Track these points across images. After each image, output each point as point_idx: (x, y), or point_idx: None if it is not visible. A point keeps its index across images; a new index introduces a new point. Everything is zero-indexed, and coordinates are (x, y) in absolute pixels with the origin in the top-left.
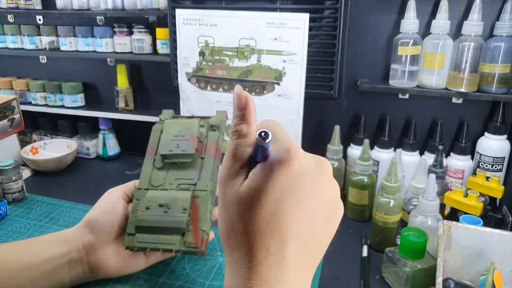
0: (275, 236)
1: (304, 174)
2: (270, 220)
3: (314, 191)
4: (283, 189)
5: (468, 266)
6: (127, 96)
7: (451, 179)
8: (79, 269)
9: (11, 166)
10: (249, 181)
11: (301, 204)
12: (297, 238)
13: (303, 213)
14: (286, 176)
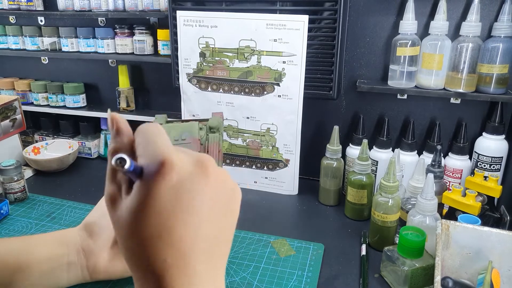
0: (170, 248)
1: (185, 182)
2: (160, 235)
3: (200, 194)
4: (165, 203)
5: (466, 265)
6: (128, 97)
7: (450, 178)
8: (78, 271)
9: (13, 166)
10: (129, 203)
11: (190, 211)
12: (198, 243)
13: (195, 218)
14: (165, 190)
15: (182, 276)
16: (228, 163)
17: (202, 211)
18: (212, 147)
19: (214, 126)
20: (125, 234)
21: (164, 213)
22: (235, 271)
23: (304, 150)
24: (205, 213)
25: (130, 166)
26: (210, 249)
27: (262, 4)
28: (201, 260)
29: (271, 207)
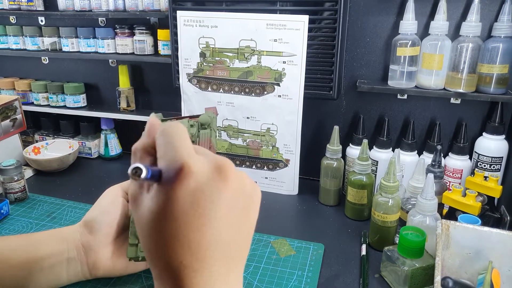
0: (186, 251)
1: (203, 188)
2: (178, 238)
3: (219, 199)
4: (184, 208)
5: (467, 265)
6: (128, 97)
7: (450, 178)
8: (78, 268)
9: (13, 166)
10: (149, 204)
11: (207, 216)
12: (214, 247)
13: (213, 222)
14: (183, 195)
15: (198, 277)
16: None
17: (219, 216)
18: (203, 144)
19: (205, 122)
20: (145, 233)
21: (181, 218)
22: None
23: (304, 150)
24: (223, 218)
25: (146, 175)
26: (227, 252)
27: (262, 4)
28: (217, 264)
29: (271, 207)
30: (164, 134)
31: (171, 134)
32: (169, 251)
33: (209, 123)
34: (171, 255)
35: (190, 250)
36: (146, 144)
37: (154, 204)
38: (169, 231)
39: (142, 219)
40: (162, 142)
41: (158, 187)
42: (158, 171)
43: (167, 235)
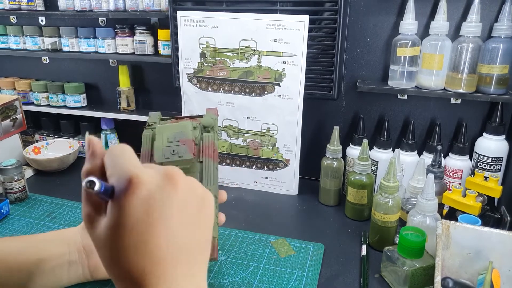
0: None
1: (154, 194)
2: (136, 247)
3: (170, 204)
4: (137, 217)
5: (467, 265)
6: (129, 97)
7: (450, 179)
8: (79, 270)
9: (14, 165)
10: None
11: (161, 221)
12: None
13: (168, 226)
14: (136, 204)
15: (161, 283)
16: (228, 163)
17: (173, 219)
18: (207, 147)
19: (209, 125)
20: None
21: (137, 226)
22: (235, 271)
23: (304, 150)
24: (177, 221)
25: (100, 187)
26: (186, 255)
27: (263, 4)
28: (178, 267)
29: (271, 207)
30: (111, 155)
31: (117, 153)
32: (130, 261)
33: (212, 125)
34: (132, 265)
35: (150, 257)
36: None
37: (109, 219)
38: (127, 242)
39: (100, 237)
40: (110, 162)
41: (112, 202)
42: (110, 187)
43: (126, 246)
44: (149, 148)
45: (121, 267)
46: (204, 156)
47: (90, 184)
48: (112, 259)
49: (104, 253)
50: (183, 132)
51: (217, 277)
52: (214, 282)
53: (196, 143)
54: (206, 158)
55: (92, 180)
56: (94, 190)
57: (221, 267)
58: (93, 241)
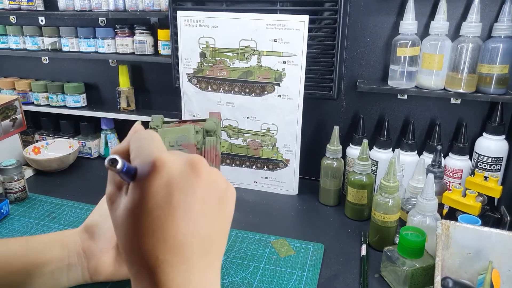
0: (162, 245)
1: (176, 180)
2: (153, 232)
3: (192, 192)
4: (158, 200)
5: (467, 265)
6: (128, 97)
7: (450, 179)
8: (78, 273)
9: (13, 165)
10: (125, 203)
11: (182, 208)
12: (189, 240)
13: (187, 215)
14: (157, 189)
15: (175, 271)
16: (228, 163)
17: (193, 208)
18: (209, 152)
19: (211, 129)
20: (122, 232)
21: (156, 210)
22: (235, 271)
23: (304, 150)
24: (197, 211)
25: (122, 166)
26: (203, 246)
27: (262, 4)
28: (194, 257)
29: (271, 207)
30: (136, 139)
31: (144, 138)
32: (145, 246)
33: (215, 130)
34: (147, 250)
35: (165, 244)
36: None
37: (129, 201)
38: (144, 226)
39: (118, 218)
40: (135, 146)
41: (133, 184)
42: (133, 169)
43: (143, 230)
44: None
45: (136, 251)
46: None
47: (112, 162)
48: (128, 242)
49: (121, 235)
50: (185, 136)
51: None
52: None
53: (198, 148)
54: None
55: (115, 158)
56: (116, 168)
57: (221, 267)
58: (113, 222)
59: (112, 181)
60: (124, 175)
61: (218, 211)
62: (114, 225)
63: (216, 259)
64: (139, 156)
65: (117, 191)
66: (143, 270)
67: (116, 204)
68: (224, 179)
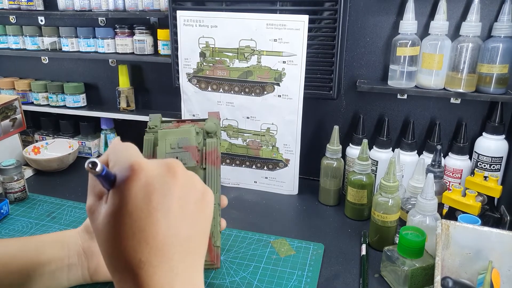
0: (144, 247)
1: (154, 182)
2: (134, 234)
3: (170, 193)
4: (137, 203)
5: (466, 265)
6: (128, 97)
7: (450, 178)
8: (78, 273)
9: (13, 165)
10: (105, 209)
11: (160, 208)
12: (170, 240)
13: (166, 215)
14: (136, 191)
15: (159, 272)
16: (228, 163)
17: (172, 209)
18: (210, 153)
19: (212, 131)
20: (103, 238)
21: (136, 212)
22: (235, 271)
23: (304, 150)
24: (176, 212)
25: (101, 169)
26: (184, 247)
27: (262, 4)
28: (176, 258)
29: (271, 207)
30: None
31: (120, 148)
32: (127, 249)
33: (215, 131)
34: (129, 253)
35: (147, 245)
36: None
37: (109, 206)
38: (125, 229)
39: (99, 225)
40: (113, 155)
41: (112, 190)
42: (112, 175)
43: (124, 233)
44: (151, 153)
45: (118, 255)
46: (207, 163)
47: (92, 165)
48: (110, 247)
49: (103, 241)
50: (186, 139)
51: (217, 277)
52: (214, 282)
53: (199, 149)
54: (209, 165)
55: (94, 161)
56: (96, 170)
57: (221, 267)
58: (94, 231)
59: (92, 192)
60: (104, 180)
61: (197, 212)
62: (96, 234)
63: (198, 260)
64: (117, 164)
65: (97, 201)
66: (126, 274)
67: (96, 213)
68: (202, 182)
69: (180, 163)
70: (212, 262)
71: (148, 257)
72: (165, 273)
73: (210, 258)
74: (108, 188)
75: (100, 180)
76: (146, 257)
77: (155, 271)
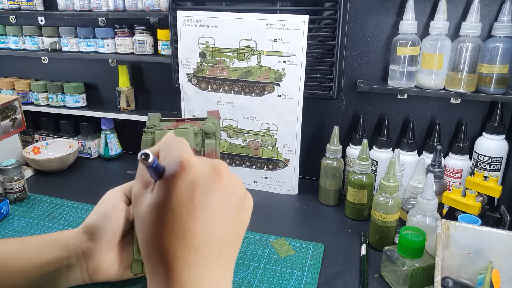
0: (181, 242)
1: (200, 181)
2: (173, 228)
3: (213, 193)
4: (181, 199)
5: (466, 265)
6: (128, 97)
7: (450, 178)
8: (77, 274)
9: (13, 166)
10: (149, 199)
11: (202, 207)
12: (206, 239)
13: (207, 215)
14: (181, 187)
15: (191, 268)
16: (228, 163)
17: (213, 208)
18: (209, 155)
19: (210, 132)
20: (143, 226)
21: (178, 208)
22: (235, 271)
23: (304, 150)
24: (216, 211)
25: (153, 161)
26: (219, 247)
27: (262, 4)
28: (209, 257)
29: (271, 207)
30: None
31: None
32: (165, 242)
33: (214, 132)
34: (166, 246)
35: (184, 241)
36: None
37: (155, 197)
38: (166, 222)
39: (142, 213)
40: (164, 148)
41: (160, 182)
42: (162, 167)
43: (164, 226)
44: None
45: (155, 246)
46: None
47: (145, 156)
48: (148, 236)
49: (142, 229)
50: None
51: None
52: None
53: (197, 150)
54: None
55: (147, 153)
56: (148, 161)
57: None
58: (135, 218)
59: (139, 179)
60: (153, 171)
61: (235, 215)
62: (137, 220)
63: (229, 261)
64: (167, 157)
65: (143, 189)
66: (159, 265)
67: (141, 200)
68: (244, 187)
69: (226, 165)
70: None
71: (183, 252)
72: (197, 269)
73: None
74: (156, 179)
75: (149, 171)
76: (181, 252)
77: (188, 266)
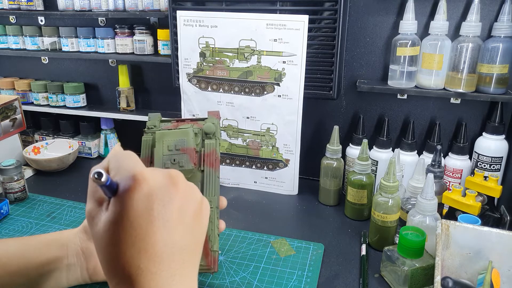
0: (143, 254)
1: (156, 192)
2: (134, 243)
3: (171, 203)
4: (139, 212)
5: (466, 265)
6: (128, 97)
7: (450, 178)
8: (77, 273)
9: (13, 166)
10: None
11: (161, 218)
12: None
13: (166, 226)
14: (138, 200)
15: (156, 279)
16: (228, 163)
17: (172, 218)
18: (209, 155)
19: (210, 132)
20: (102, 244)
21: (137, 221)
22: (235, 271)
23: (304, 150)
24: (175, 221)
25: (106, 179)
26: (181, 256)
27: (262, 4)
28: (173, 266)
29: (271, 207)
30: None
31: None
32: (126, 256)
33: (214, 132)
34: (128, 260)
35: (146, 253)
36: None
37: (111, 214)
38: (125, 237)
39: (99, 232)
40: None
41: (114, 198)
42: (115, 184)
43: (124, 241)
44: (149, 154)
45: (117, 262)
46: (205, 165)
47: (98, 175)
48: (109, 253)
49: (101, 247)
50: (184, 140)
51: (217, 277)
52: (214, 282)
53: (197, 151)
54: (207, 167)
55: (100, 172)
56: (101, 181)
57: (221, 267)
58: (93, 237)
59: (91, 197)
60: (107, 189)
61: (194, 222)
62: (95, 239)
63: (193, 268)
64: (119, 173)
65: (97, 207)
66: (124, 280)
67: (97, 219)
68: (200, 193)
69: (181, 174)
70: (208, 267)
71: (147, 264)
72: (163, 279)
73: (207, 263)
74: (110, 196)
75: (103, 189)
76: (145, 265)
77: (153, 278)
